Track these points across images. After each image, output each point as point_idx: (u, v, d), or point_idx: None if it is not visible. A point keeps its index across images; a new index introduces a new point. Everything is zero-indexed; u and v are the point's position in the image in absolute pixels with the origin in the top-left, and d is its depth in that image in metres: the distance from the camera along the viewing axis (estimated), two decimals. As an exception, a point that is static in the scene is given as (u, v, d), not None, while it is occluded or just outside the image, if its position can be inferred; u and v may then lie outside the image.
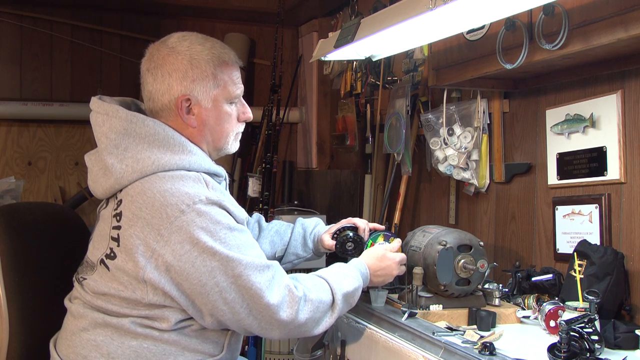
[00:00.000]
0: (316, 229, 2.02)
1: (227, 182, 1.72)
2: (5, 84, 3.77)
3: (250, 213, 2.04)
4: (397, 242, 1.93)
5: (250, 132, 4.03)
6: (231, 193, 3.86)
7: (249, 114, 1.70)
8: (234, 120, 1.66)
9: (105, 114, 1.56)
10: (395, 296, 2.04)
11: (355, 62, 3.38)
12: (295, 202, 3.74)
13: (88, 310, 1.54)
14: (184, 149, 1.55)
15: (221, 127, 1.64)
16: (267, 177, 3.48)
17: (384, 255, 1.84)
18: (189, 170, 1.53)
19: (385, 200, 2.96)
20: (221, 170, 1.65)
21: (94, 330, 1.51)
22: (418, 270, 1.88)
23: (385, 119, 2.90)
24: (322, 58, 2.27)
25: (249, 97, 4.16)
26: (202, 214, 1.45)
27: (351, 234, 1.94)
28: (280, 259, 1.98)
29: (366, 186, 3.29)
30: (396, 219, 2.94)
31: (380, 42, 2.04)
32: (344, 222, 1.99)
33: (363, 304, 2.00)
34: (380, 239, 1.96)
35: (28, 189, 3.79)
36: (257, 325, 1.52)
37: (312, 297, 1.58)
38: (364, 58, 2.31)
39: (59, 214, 1.95)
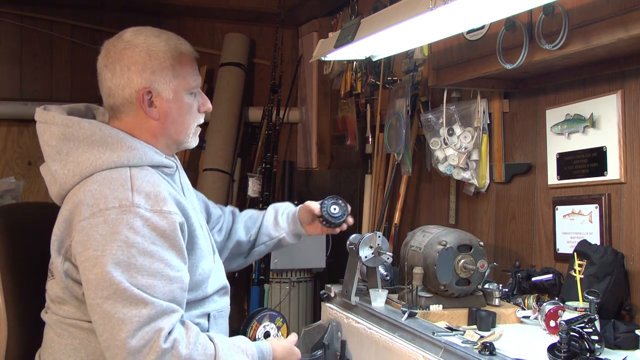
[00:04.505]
0: (288, 209, 2.03)
1: (181, 172, 1.69)
2: (5, 84, 3.77)
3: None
4: (293, 337, 1.75)
5: (250, 132, 4.02)
6: (231, 193, 3.89)
7: (208, 104, 1.69)
8: (195, 111, 1.65)
9: (44, 122, 1.56)
10: (395, 296, 2.04)
11: (355, 62, 3.38)
12: (295, 202, 3.73)
13: (58, 317, 1.55)
14: (122, 145, 1.53)
15: (183, 119, 1.62)
16: (267, 177, 3.48)
17: (291, 347, 1.70)
18: (130, 167, 1.51)
19: (385, 200, 2.96)
20: (169, 162, 1.61)
21: (69, 335, 1.52)
22: (418, 270, 1.88)
23: (385, 119, 2.90)
24: (322, 58, 2.27)
25: (249, 97, 4.16)
26: (109, 222, 1.41)
27: (336, 200, 1.93)
28: (254, 242, 1.98)
29: (366, 186, 3.29)
30: (396, 219, 2.94)
31: (380, 42, 2.04)
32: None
33: (363, 304, 2.00)
34: (266, 320, 1.80)
35: (28, 189, 3.78)
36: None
37: (183, 352, 1.41)
38: (364, 58, 2.30)
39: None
